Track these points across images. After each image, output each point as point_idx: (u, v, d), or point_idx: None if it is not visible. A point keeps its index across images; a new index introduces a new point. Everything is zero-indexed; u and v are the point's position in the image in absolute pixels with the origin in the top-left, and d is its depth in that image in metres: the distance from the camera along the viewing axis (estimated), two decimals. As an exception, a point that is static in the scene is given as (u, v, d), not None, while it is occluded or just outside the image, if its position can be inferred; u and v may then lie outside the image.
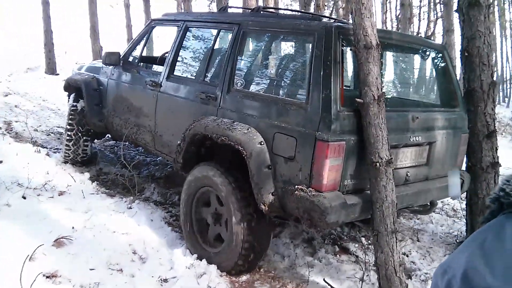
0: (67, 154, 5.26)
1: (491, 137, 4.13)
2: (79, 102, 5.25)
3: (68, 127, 5.25)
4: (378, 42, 2.90)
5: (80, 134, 5.23)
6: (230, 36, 3.76)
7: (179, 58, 4.29)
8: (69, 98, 5.56)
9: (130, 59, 4.98)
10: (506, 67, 29.97)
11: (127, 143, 5.25)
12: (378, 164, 2.91)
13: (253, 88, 3.71)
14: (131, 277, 3.35)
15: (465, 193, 4.25)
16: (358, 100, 2.93)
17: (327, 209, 2.79)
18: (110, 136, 5.68)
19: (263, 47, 3.95)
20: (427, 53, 3.95)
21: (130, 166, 4.64)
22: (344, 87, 3.02)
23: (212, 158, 3.73)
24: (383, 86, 2.99)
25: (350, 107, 2.98)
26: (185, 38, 4.31)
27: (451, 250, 4.38)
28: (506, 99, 29.04)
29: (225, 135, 3.32)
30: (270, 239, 3.50)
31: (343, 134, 2.90)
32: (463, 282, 0.60)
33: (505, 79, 29.72)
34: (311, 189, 2.88)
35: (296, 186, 2.94)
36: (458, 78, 4.13)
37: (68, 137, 5.22)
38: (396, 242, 3.02)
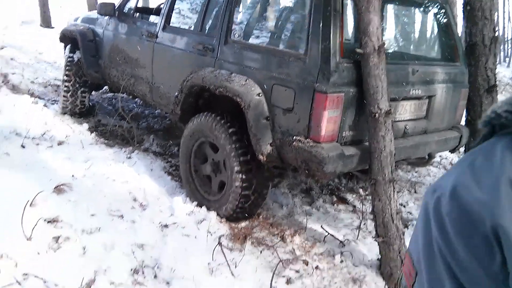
0: (65, 106, 5.24)
1: (491, 92, 4.13)
2: (75, 53, 5.19)
3: (66, 78, 5.21)
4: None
5: (77, 85, 5.20)
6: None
7: (175, 9, 4.21)
8: (65, 50, 5.49)
9: (126, 9, 4.88)
10: (507, 26, 29.49)
11: (124, 95, 5.22)
12: (377, 114, 2.91)
13: (251, 39, 3.68)
14: (132, 223, 3.42)
15: (463, 148, 4.29)
16: (358, 50, 2.90)
17: (325, 159, 2.82)
18: (107, 88, 5.65)
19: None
20: (429, 6, 3.89)
21: (129, 117, 4.63)
22: (344, 40, 2.98)
23: (210, 109, 3.73)
24: (383, 37, 2.96)
25: (350, 58, 2.96)
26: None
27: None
28: (507, 59, 28.73)
29: (223, 86, 3.31)
30: (269, 188, 3.55)
31: (342, 86, 2.89)
32: (452, 198, 0.61)
33: (506, 39, 29.31)
34: (309, 140, 2.90)
35: (294, 137, 2.96)
36: (459, 33, 4.08)
37: (65, 88, 5.19)
38: (394, 191, 3.07)
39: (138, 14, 5.02)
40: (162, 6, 4.45)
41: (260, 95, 3.13)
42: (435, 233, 0.62)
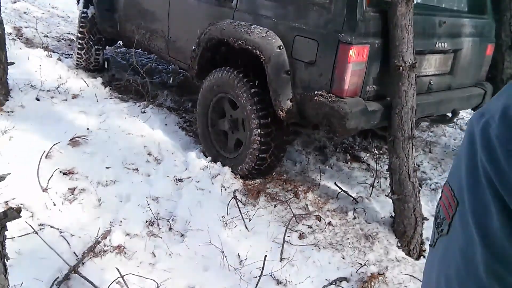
0: (79, 63, 5.17)
1: (516, 49, 3.97)
2: (89, 8, 5.06)
3: (79, 35, 5.10)
4: None
5: (91, 43, 5.09)
6: None
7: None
8: (78, 3, 5.35)
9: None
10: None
11: (139, 50, 5.12)
12: (401, 68, 2.80)
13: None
14: (147, 176, 3.42)
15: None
16: (385, -1, 2.77)
17: (347, 115, 2.73)
18: (121, 43, 5.54)
19: None
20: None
21: (143, 71, 4.54)
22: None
23: (228, 64, 3.62)
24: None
25: (377, 7, 2.82)
26: None
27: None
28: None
29: (242, 39, 3.19)
30: (286, 150, 3.49)
31: (368, 37, 2.77)
32: (502, 119, 0.56)
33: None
34: (331, 94, 2.80)
35: (316, 92, 2.86)
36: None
37: (79, 46, 5.09)
38: (412, 148, 2.99)
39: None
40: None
41: (281, 47, 3.01)
42: (482, 158, 0.57)
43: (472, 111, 3.89)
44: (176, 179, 3.41)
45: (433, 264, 0.67)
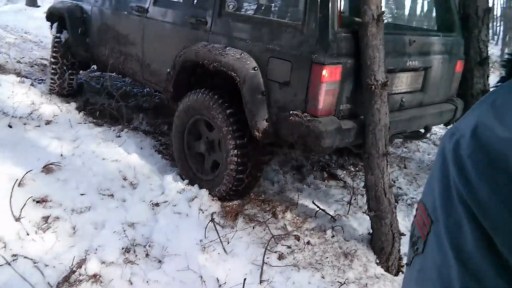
0: (52, 88, 5.12)
1: (483, 64, 4.08)
2: (62, 33, 5.04)
3: (53, 60, 5.06)
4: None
5: (65, 68, 5.06)
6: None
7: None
8: (51, 28, 5.33)
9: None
10: (496, 3, 29.50)
11: (113, 73, 5.10)
12: (373, 86, 2.84)
13: (245, 10, 3.55)
14: (123, 201, 3.37)
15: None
16: (357, 19, 2.82)
17: (322, 134, 2.75)
18: (95, 67, 5.51)
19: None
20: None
21: (118, 95, 4.52)
22: (342, 10, 2.89)
23: (203, 87, 3.62)
24: (382, 5, 2.87)
25: (348, 28, 2.87)
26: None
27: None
28: (495, 37, 28.82)
29: (217, 61, 3.21)
30: (263, 170, 3.49)
31: (340, 57, 2.81)
32: (472, 138, 0.57)
33: (495, 16, 29.38)
34: (306, 114, 2.82)
35: (291, 112, 2.88)
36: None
37: (53, 71, 5.06)
38: (387, 165, 3.02)
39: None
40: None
41: (256, 69, 3.04)
42: (454, 177, 0.58)
43: (445, 126, 3.96)
44: (152, 203, 3.37)
45: (410, 282, 0.67)
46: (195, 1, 3.74)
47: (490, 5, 4.06)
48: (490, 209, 0.53)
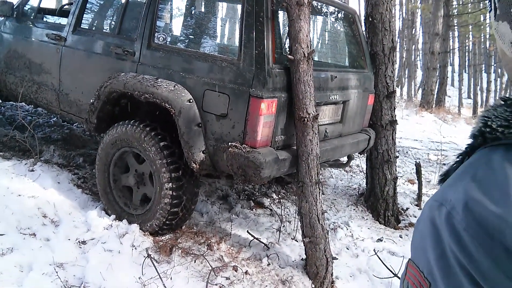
0: None
1: (390, 97, 4.49)
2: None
3: None
4: (309, 0, 2.96)
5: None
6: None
7: (86, 10, 3.95)
8: None
9: (25, 10, 4.47)
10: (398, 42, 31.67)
11: (20, 103, 4.76)
12: (306, 119, 3.01)
13: (177, 43, 3.57)
14: (46, 240, 3.17)
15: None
16: (289, 56, 2.98)
17: (262, 164, 2.84)
18: (-1, 96, 5.10)
19: (187, 0, 3.80)
20: (340, 15, 4.13)
21: (31, 126, 4.23)
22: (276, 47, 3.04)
23: (127, 118, 3.54)
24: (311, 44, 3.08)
25: (281, 64, 3.03)
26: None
27: (352, 201, 4.76)
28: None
29: (149, 92, 3.18)
30: (196, 202, 3.48)
31: (275, 91, 2.95)
32: (466, 213, 0.63)
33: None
34: (245, 145, 2.90)
35: (229, 143, 2.94)
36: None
37: None
38: (319, 192, 3.19)
39: (39, 14, 4.60)
40: (68, 7, 4.15)
41: (191, 101, 3.06)
42: (451, 247, 0.64)
43: (359, 154, 4.27)
44: (79, 241, 3.21)
45: None
46: (121, 31, 3.66)
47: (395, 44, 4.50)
48: (490, 276, 0.61)
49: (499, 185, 0.62)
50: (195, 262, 3.14)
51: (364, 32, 4.21)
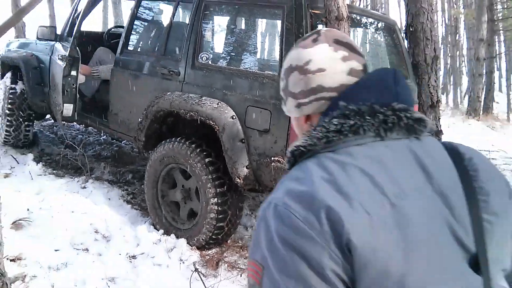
0: (7, 140, 4.92)
1: (435, 107, 4.41)
2: (17, 84, 4.88)
3: (8, 112, 4.87)
4: (348, 14, 2.99)
5: (21, 119, 4.89)
6: (190, 8, 3.68)
7: (133, 32, 4.12)
8: (1, 77, 5.16)
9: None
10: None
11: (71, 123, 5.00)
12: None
13: (220, 62, 3.67)
14: (99, 255, 3.27)
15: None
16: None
17: (304, 178, 2.86)
18: (51, 116, 5.37)
19: (228, 19, 3.91)
20: (381, 27, 4.12)
21: (81, 146, 4.44)
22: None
23: (173, 135, 3.65)
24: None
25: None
26: (139, 11, 4.14)
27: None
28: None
29: (194, 110, 3.27)
30: (241, 216, 3.54)
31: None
32: (286, 197, 0.83)
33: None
34: (288, 160, 2.93)
35: (272, 158, 2.99)
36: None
37: (8, 123, 4.86)
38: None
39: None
40: (113, 30, 4.34)
41: (234, 117, 3.13)
42: (276, 228, 0.80)
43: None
44: (129, 256, 3.30)
45: None
46: (166, 52, 3.80)
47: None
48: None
49: (307, 176, 0.84)
50: (241, 276, 3.18)
51: (404, 43, 4.18)
